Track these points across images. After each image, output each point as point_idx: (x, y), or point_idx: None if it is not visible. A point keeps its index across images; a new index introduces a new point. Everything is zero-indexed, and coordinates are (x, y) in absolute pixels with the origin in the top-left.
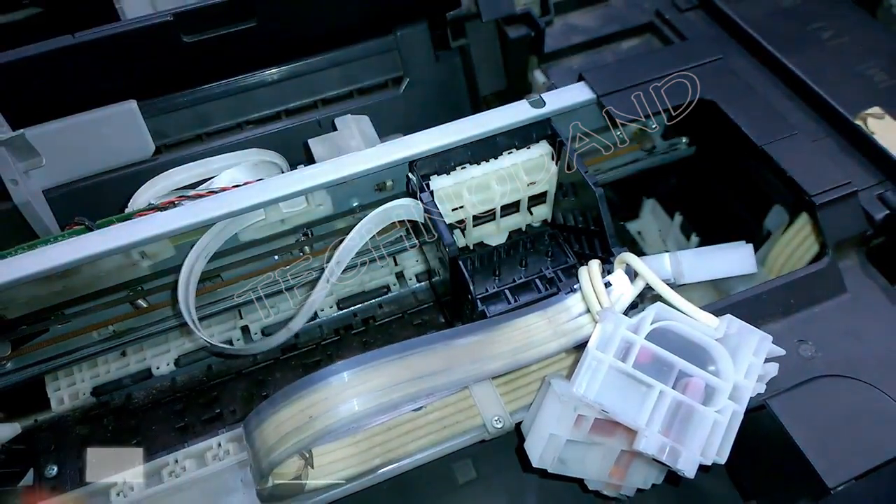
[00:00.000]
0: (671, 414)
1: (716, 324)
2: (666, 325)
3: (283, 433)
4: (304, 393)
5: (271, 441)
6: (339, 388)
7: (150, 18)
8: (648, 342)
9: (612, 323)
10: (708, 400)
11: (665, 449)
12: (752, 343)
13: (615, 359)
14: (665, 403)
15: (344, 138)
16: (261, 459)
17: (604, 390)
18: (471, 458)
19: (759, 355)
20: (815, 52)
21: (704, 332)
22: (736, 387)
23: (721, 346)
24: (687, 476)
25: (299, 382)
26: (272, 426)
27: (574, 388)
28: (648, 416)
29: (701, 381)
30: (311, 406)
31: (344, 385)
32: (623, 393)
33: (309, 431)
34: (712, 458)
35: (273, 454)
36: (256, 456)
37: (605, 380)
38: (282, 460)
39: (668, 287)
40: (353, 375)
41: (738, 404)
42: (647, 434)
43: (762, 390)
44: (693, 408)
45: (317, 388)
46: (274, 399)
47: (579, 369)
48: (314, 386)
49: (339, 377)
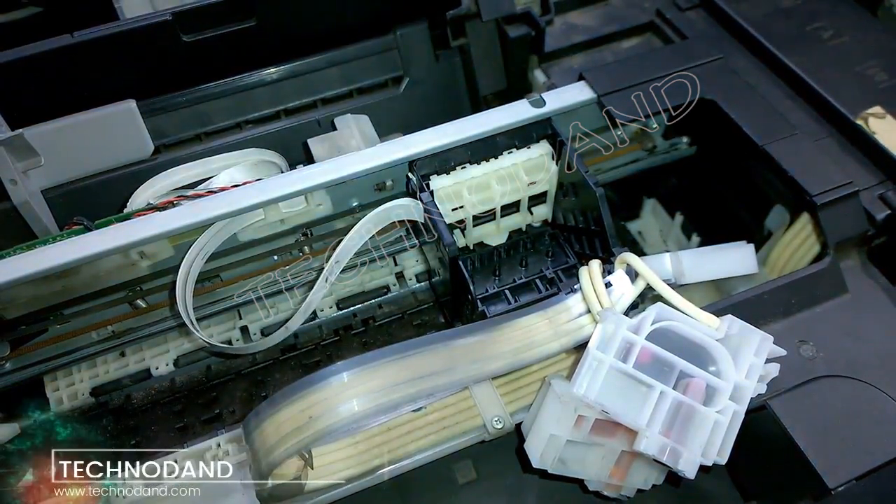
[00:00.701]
0: (672, 414)
1: (717, 324)
2: (667, 325)
3: (282, 433)
4: (303, 393)
5: (271, 441)
6: (338, 389)
7: (149, 18)
8: (649, 343)
9: (613, 323)
10: (709, 400)
11: (666, 449)
12: (753, 343)
13: (616, 359)
14: (666, 404)
15: (344, 138)
16: (260, 460)
17: (604, 391)
18: (471, 459)
19: (760, 355)
20: (815, 51)
21: (705, 333)
22: (737, 387)
23: (722, 347)
24: (687, 477)
25: (299, 383)
26: (272, 426)
27: (574, 388)
28: (649, 416)
29: (702, 381)
30: (310, 406)
31: (344, 385)
32: (623, 393)
33: (309, 432)
34: (713, 459)
35: (273, 454)
36: (256, 456)
37: (606, 380)
38: (282, 460)
39: (668, 287)
40: (352, 376)
41: (739, 405)
42: (647, 435)
43: (763, 391)
44: (694, 408)
45: (316, 389)
46: (273, 399)
47: (580, 370)
48: (314, 386)
49: (338, 377)
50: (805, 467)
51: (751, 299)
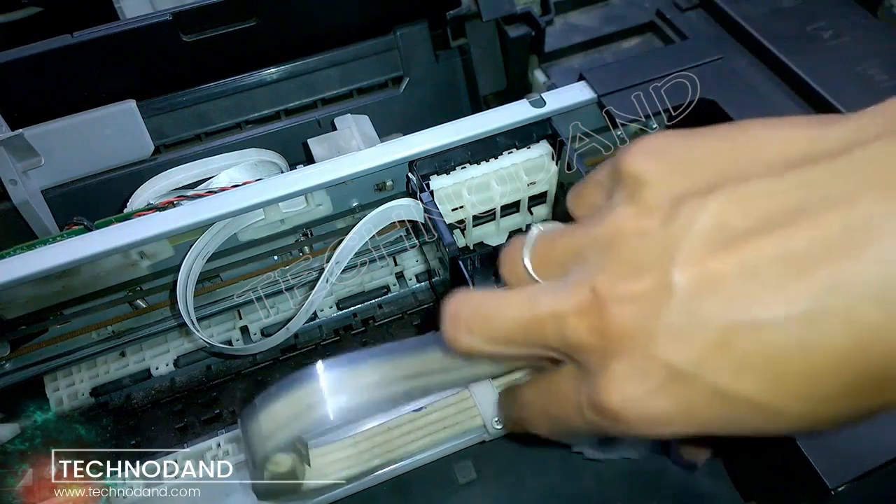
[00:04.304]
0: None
1: None
2: None
3: (279, 421)
4: (300, 383)
5: (267, 430)
6: (335, 379)
7: (149, 18)
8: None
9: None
10: None
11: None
12: None
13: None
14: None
15: (344, 138)
16: (255, 449)
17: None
18: (471, 459)
19: None
20: (815, 51)
21: None
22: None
23: None
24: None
25: (296, 374)
26: (268, 415)
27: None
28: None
29: None
30: (308, 395)
31: (341, 376)
32: None
33: (304, 419)
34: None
35: (269, 442)
36: (251, 445)
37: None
38: (277, 448)
39: None
40: (351, 367)
41: None
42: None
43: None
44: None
45: (313, 379)
46: (269, 392)
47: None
48: (311, 377)
49: (337, 368)
50: (805, 467)
51: None
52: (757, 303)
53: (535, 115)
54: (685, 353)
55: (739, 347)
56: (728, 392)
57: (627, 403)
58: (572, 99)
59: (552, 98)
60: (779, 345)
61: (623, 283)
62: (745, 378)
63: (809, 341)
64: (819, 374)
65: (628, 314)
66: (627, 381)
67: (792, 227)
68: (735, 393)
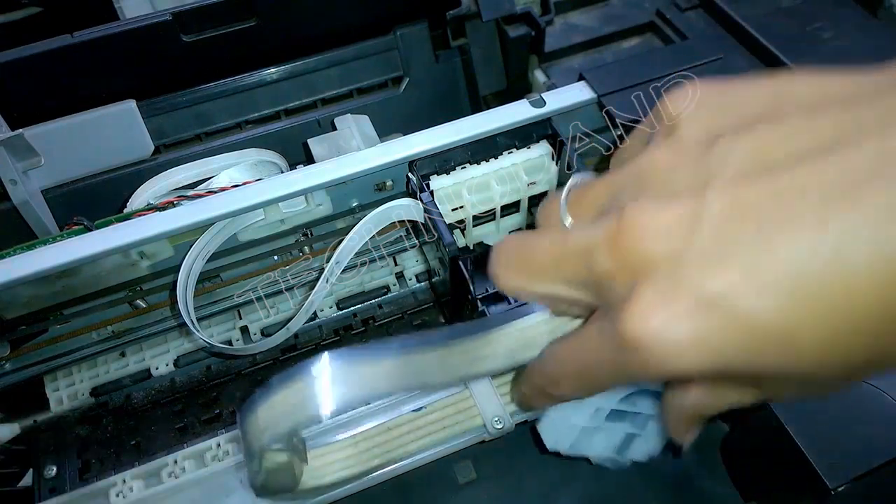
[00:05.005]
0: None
1: None
2: None
3: (276, 414)
4: (298, 377)
5: (264, 423)
6: (333, 373)
7: (149, 18)
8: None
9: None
10: None
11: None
12: None
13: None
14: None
15: (344, 138)
16: (252, 441)
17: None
18: (471, 459)
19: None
20: (815, 51)
21: None
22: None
23: None
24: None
25: (294, 368)
26: (266, 408)
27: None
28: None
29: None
30: (305, 389)
31: (339, 370)
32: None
33: (302, 412)
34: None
35: (266, 434)
36: (248, 437)
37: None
38: (274, 440)
39: None
40: (349, 362)
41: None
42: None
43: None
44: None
45: (311, 373)
46: (266, 387)
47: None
48: (309, 371)
49: (335, 363)
50: (805, 467)
51: None
52: (789, 229)
53: (535, 115)
54: (714, 278)
55: (769, 274)
56: (751, 317)
57: (649, 329)
58: (572, 99)
59: (552, 98)
60: (807, 271)
61: (653, 209)
62: (769, 304)
63: (837, 269)
64: (842, 304)
65: (657, 240)
66: (651, 307)
67: (827, 158)
68: (757, 318)
